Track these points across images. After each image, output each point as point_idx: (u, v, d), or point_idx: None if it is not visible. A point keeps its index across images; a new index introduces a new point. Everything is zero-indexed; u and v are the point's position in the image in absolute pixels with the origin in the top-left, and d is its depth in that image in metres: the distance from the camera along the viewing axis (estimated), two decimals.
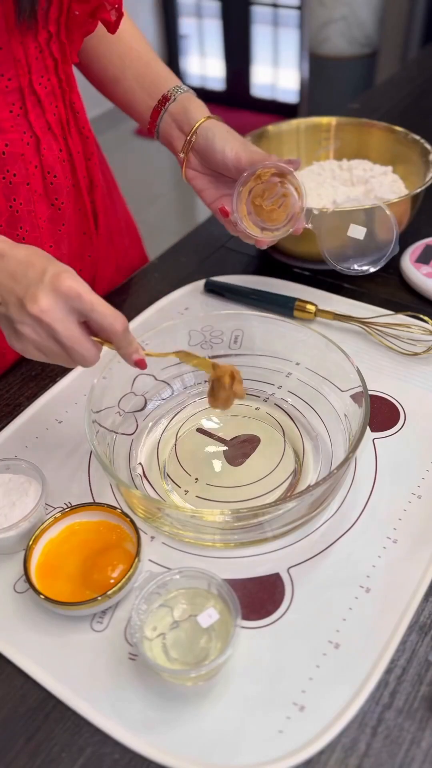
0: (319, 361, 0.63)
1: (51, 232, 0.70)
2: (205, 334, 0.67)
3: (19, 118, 0.62)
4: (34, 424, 0.65)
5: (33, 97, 0.63)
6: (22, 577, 0.52)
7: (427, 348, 0.69)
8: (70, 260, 0.75)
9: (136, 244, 0.93)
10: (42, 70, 0.63)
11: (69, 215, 0.72)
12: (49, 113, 0.65)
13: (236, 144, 0.65)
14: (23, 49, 0.60)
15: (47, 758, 0.42)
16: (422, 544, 0.52)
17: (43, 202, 0.68)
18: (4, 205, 0.64)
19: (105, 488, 0.58)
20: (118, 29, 0.65)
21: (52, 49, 0.63)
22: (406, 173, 0.86)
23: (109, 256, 0.83)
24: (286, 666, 0.46)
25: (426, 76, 1.39)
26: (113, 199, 0.84)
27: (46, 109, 0.64)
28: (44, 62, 0.63)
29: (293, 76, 3.34)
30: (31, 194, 0.66)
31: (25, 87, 0.61)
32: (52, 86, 0.65)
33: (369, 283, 0.81)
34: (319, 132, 0.92)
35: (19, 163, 0.64)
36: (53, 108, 0.65)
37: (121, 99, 0.74)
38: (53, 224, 0.70)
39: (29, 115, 0.63)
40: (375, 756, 0.42)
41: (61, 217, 0.70)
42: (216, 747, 0.42)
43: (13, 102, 0.61)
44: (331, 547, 0.52)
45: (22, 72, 0.61)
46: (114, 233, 0.84)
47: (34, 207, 0.67)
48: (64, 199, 0.70)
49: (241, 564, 0.52)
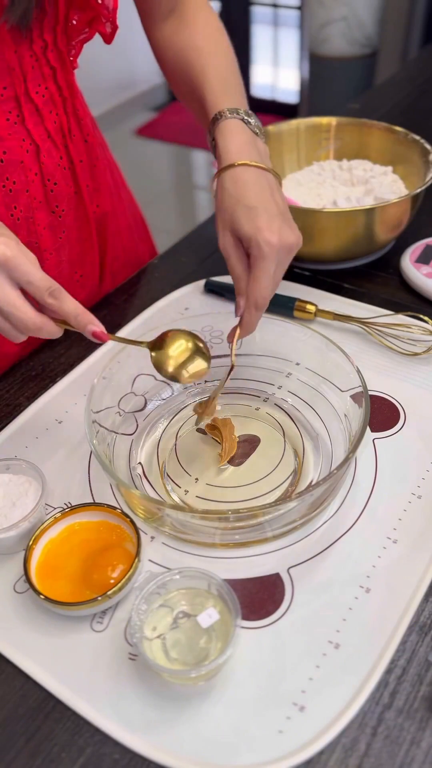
0: (319, 361, 0.63)
1: (51, 239, 0.70)
2: (205, 334, 0.67)
3: (17, 125, 0.62)
4: (34, 424, 0.65)
5: (30, 105, 0.62)
6: (22, 577, 0.52)
7: (427, 348, 0.69)
8: (70, 267, 0.75)
9: (146, 238, 0.93)
10: (39, 78, 0.62)
11: (70, 222, 0.71)
12: (48, 121, 0.65)
13: None
14: (17, 58, 0.59)
15: (47, 758, 0.42)
16: (422, 544, 0.52)
17: (43, 209, 0.67)
18: (5, 213, 0.64)
19: (105, 488, 0.58)
20: None
21: (48, 57, 0.62)
22: (406, 173, 0.86)
23: (116, 255, 0.84)
24: (286, 666, 0.46)
25: (426, 76, 1.39)
26: (122, 197, 0.84)
27: (45, 117, 0.64)
28: (41, 71, 0.62)
29: (293, 76, 3.34)
30: (30, 201, 0.66)
31: (21, 95, 0.61)
32: (50, 94, 0.64)
33: (369, 283, 0.81)
34: (319, 132, 0.92)
35: (18, 170, 0.63)
36: (53, 116, 0.65)
37: None
38: (53, 231, 0.70)
39: (27, 122, 0.63)
40: (375, 756, 0.42)
41: (62, 224, 0.70)
42: (216, 747, 0.42)
43: (10, 110, 0.61)
44: (331, 547, 0.52)
45: (17, 81, 0.60)
46: (123, 233, 0.84)
47: (34, 214, 0.67)
48: (65, 206, 0.69)
49: (241, 564, 0.52)
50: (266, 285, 0.55)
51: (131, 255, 0.88)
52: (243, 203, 0.56)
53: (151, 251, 0.95)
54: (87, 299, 0.81)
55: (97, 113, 3.05)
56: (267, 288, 0.55)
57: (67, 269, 0.75)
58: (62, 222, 0.70)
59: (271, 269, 0.55)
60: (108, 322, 0.78)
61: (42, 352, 0.74)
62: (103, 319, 0.78)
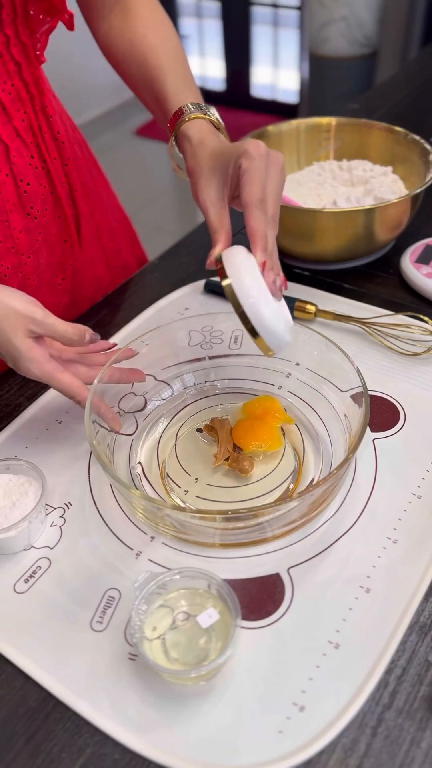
0: (319, 361, 0.63)
1: (28, 242, 0.69)
2: (205, 334, 0.67)
3: None
4: (34, 424, 0.65)
5: None
6: (22, 577, 0.52)
7: (427, 348, 0.69)
8: (50, 270, 0.74)
9: (132, 242, 0.92)
10: (4, 75, 0.61)
11: (46, 224, 0.70)
12: (16, 119, 0.63)
13: None
14: None
15: (47, 758, 0.42)
16: (422, 544, 0.52)
17: (17, 211, 0.66)
18: None
19: (105, 488, 0.58)
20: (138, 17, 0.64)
21: (12, 53, 0.61)
22: (406, 173, 0.86)
23: (95, 258, 0.82)
24: (286, 666, 0.46)
25: (426, 76, 1.39)
26: (102, 199, 0.83)
27: (13, 116, 0.63)
28: (5, 67, 0.61)
29: (293, 76, 3.34)
30: (3, 203, 0.65)
31: None
32: (17, 91, 0.63)
33: (369, 283, 0.81)
34: (319, 132, 0.92)
35: None
36: (21, 114, 0.64)
37: None
38: (29, 234, 0.69)
39: None
40: (375, 756, 0.42)
41: (38, 226, 0.69)
42: (216, 747, 0.42)
43: None
44: (331, 547, 0.52)
45: None
46: (103, 234, 0.83)
47: (8, 217, 0.66)
48: (40, 207, 0.68)
49: (241, 564, 0.52)
50: (261, 184, 0.52)
51: (113, 259, 0.87)
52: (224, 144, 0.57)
53: (139, 255, 0.94)
54: (71, 305, 0.80)
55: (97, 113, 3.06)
56: (263, 188, 0.52)
57: (48, 274, 0.74)
58: (38, 224, 0.69)
59: (263, 170, 0.52)
60: (108, 322, 0.78)
61: None
62: (103, 319, 0.79)
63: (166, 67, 0.66)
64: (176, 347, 0.67)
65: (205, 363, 0.68)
